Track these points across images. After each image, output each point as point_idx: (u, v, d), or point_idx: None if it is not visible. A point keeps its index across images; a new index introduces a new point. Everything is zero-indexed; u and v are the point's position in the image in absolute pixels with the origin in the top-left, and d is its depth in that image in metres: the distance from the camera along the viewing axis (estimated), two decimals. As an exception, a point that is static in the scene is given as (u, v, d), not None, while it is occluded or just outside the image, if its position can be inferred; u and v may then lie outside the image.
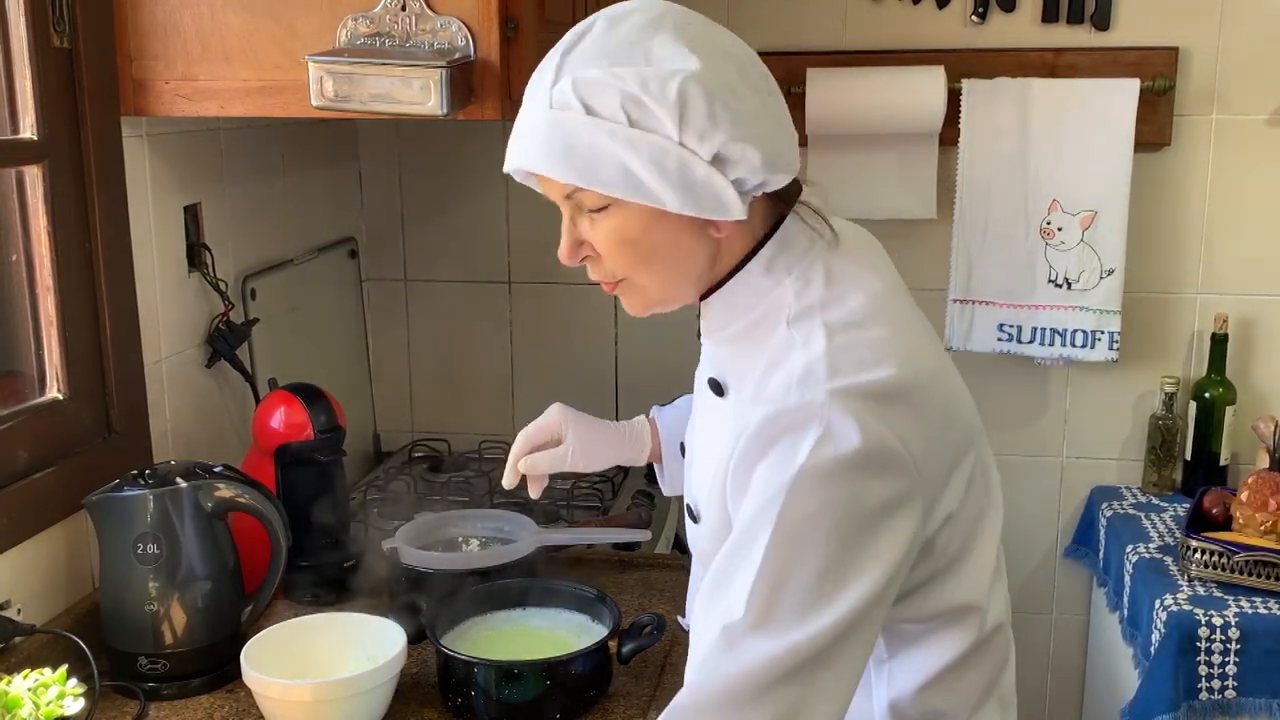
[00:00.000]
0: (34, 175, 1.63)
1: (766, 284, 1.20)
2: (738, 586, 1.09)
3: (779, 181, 1.16)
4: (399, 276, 2.72)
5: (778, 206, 1.22)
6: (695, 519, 1.30)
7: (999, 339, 2.49)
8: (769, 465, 1.10)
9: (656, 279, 1.20)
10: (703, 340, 1.30)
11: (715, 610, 1.11)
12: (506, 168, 1.19)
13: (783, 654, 1.06)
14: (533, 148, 1.13)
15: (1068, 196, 2.42)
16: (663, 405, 1.64)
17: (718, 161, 1.11)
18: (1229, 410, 2.47)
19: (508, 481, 1.55)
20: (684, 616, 1.55)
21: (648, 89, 1.09)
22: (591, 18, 1.17)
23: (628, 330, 2.67)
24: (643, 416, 1.62)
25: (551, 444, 1.54)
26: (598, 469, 1.58)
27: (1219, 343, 2.46)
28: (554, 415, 1.56)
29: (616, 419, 1.54)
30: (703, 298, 1.24)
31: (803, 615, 1.06)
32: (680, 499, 2.65)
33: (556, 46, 1.16)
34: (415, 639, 1.54)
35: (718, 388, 1.26)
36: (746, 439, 1.12)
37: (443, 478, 2.46)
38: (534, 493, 1.55)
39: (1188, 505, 2.33)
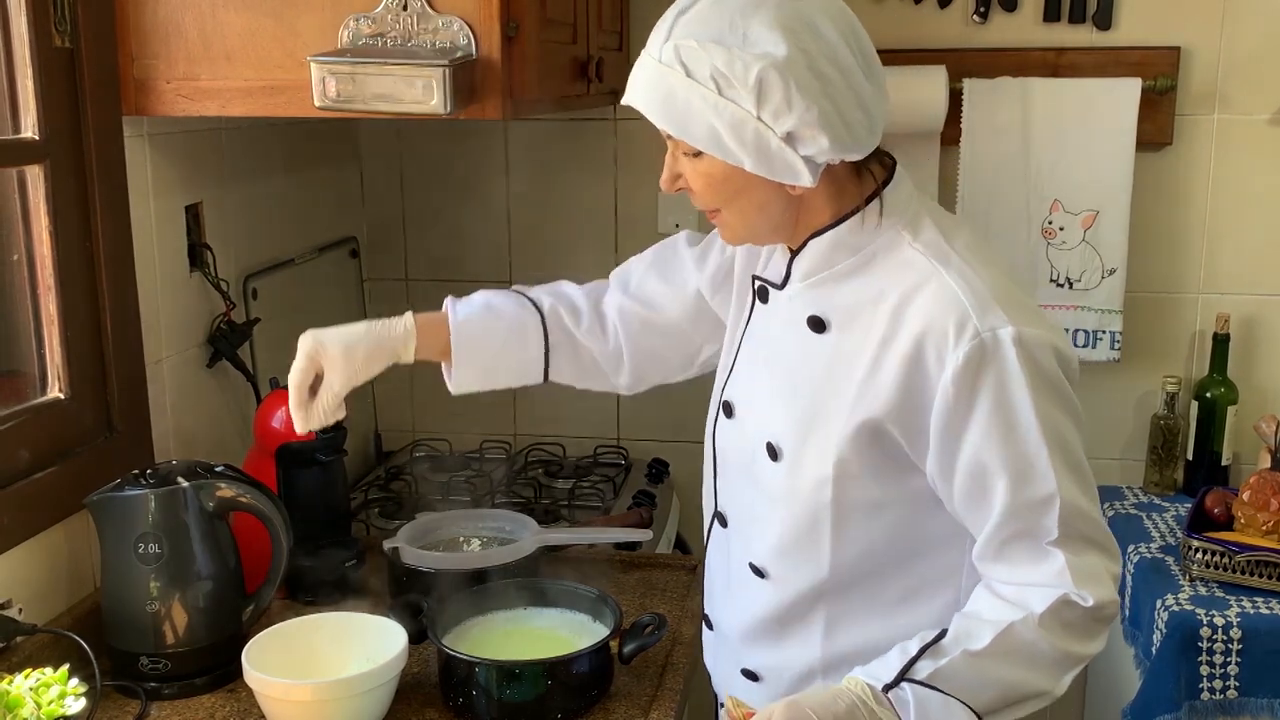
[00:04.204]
0: (35, 175, 1.63)
1: (878, 226, 1.32)
2: (1051, 516, 1.28)
3: (853, 157, 1.28)
4: (400, 276, 2.72)
5: (871, 170, 1.34)
6: (775, 457, 1.39)
7: (1000, 339, 2.48)
8: (994, 396, 1.23)
9: (738, 219, 1.34)
10: (787, 286, 1.39)
11: (1030, 542, 1.29)
12: (624, 101, 1.31)
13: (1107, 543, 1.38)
14: (642, 92, 1.28)
15: (1069, 196, 2.41)
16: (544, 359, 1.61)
17: (790, 139, 1.23)
18: (1231, 410, 2.46)
19: (300, 428, 1.54)
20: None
21: (733, 69, 1.21)
22: None
23: (629, 330, 2.66)
24: (409, 314, 1.56)
25: (319, 382, 1.53)
26: (368, 378, 1.54)
27: (1221, 342, 2.46)
28: (306, 348, 1.53)
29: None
30: (805, 242, 1.35)
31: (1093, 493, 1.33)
32: (677, 493, 2.63)
33: (674, 5, 1.28)
34: (416, 639, 1.53)
35: (819, 324, 1.35)
36: (953, 382, 1.24)
37: (444, 477, 2.45)
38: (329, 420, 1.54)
39: (1189, 505, 2.32)
